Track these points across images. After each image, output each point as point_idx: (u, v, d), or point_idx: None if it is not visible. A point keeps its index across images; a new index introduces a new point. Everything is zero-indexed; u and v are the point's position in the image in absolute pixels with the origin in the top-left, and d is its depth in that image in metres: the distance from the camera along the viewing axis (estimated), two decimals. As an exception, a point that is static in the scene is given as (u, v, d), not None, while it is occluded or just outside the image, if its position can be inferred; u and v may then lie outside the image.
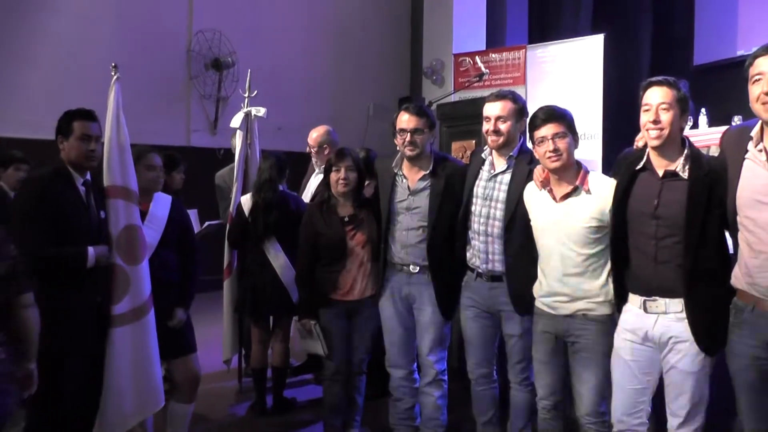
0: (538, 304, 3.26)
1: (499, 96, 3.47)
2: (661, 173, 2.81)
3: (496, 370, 3.67)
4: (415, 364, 3.89)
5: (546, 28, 9.84)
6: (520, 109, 3.45)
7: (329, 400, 3.99)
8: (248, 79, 5.16)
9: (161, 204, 3.70)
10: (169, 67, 8.18)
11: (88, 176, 3.35)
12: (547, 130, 3.06)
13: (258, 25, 8.71)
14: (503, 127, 3.40)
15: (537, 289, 3.26)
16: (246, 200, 4.55)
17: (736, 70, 2.63)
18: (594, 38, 7.68)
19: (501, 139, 3.42)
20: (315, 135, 5.14)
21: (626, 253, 2.92)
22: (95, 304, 3.31)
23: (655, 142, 2.79)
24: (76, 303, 3.23)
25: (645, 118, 2.79)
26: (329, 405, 4.00)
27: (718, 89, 7.18)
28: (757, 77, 2.53)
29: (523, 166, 3.41)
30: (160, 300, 3.51)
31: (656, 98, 2.79)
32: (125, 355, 3.35)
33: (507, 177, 3.45)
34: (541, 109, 3.17)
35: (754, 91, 2.53)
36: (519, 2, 9.74)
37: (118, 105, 3.42)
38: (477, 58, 8.13)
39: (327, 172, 3.91)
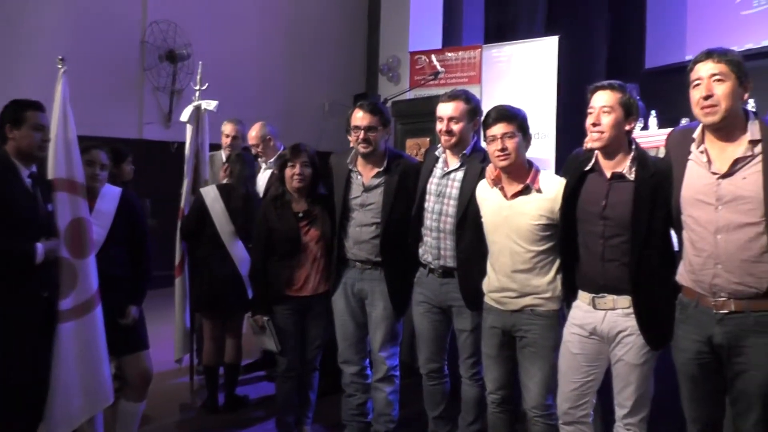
0: (487, 299, 3.31)
1: (452, 96, 3.50)
2: (608, 175, 2.89)
3: (447, 365, 3.71)
4: (367, 360, 3.90)
5: (502, 28, 9.94)
6: (472, 110, 3.48)
7: (282, 397, 3.98)
8: (199, 71, 5.10)
9: (108, 199, 3.61)
10: (122, 58, 8.03)
11: (34, 168, 3.27)
12: (497, 129, 3.10)
13: (213, 18, 8.62)
14: (455, 127, 3.43)
15: (486, 285, 3.31)
16: (207, 193, 4.51)
17: (684, 74, 2.70)
18: (549, 40, 7.80)
19: (453, 139, 3.45)
20: (254, 132, 5.19)
21: (575, 250, 3.00)
22: (42, 299, 3.22)
23: (596, 144, 2.87)
24: (23, 298, 3.15)
25: (588, 121, 2.88)
26: (282, 402, 3.99)
27: (667, 92, 7.29)
28: (696, 82, 2.60)
29: (475, 164, 3.44)
30: (110, 296, 3.44)
31: (599, 101, 2.87)
32: (72, 352, 3.27)
33: (460, 174, 3.48)
34: (494, 108, 3.21)
35: (694, 95, 2.60)
36: (475, 2, 9.82)
37: (65, 98, 3.34)
38: (433, 56, 8.17)
39: (282, 168, 3.89)
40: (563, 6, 10.08)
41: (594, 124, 2.85)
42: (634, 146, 2.88)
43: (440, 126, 3.48)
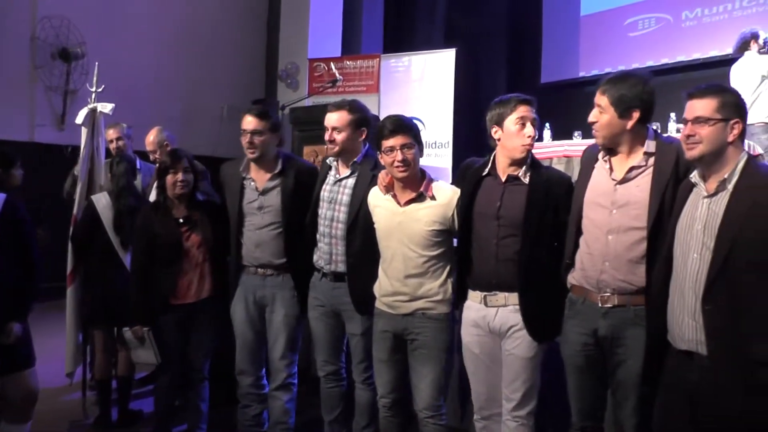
0: (378, 304, 3.38)
1: (337, 106, 3.57)
2: (503, 178, 3.10)
3: (344, 369, 3.76)
4: (264, 369, 3.92)
5: (401, 38, 10.08)
6: (357, 120, 3.53)
7: (162, 410, 3.94)
8: (95, 72, 4.95)
9: None
10: (11, 55, 7.69)
11: None
12: (395, 140, 3.16)
13: (108, 16, 8.37)
14: (338, 137, 3.50)
15: (377, 289, 3.38)
16: (99, 200, 4.37)
17: (578, 90, 2.91)
18: (446, 52, 7.97)
19: (336, 149, 3.53)
20: (152, 138, 5.15)
21: (470, 253, 3.16)
22: None
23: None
24: None
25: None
26: (161, 415, 3.93)
27: (561, 106, 7.66)
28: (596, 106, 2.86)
29: (366, 172, 3.53)
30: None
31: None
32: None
33: (351, 181, 3.56)
34: (388, 119, 3.28)
35: (591, 118, 2.88)
36: (375, 12, 9.93)
37: None
38: (332, 64, 8.22)
39: (162, 175, 3.84)
40: (463, 20, 10.36)
41: (529, 136, 3.04)
42: (529, 156, 3.10)
43: (326, 135, 3.55)
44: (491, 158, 3.17)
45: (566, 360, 2.99)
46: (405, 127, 3.21)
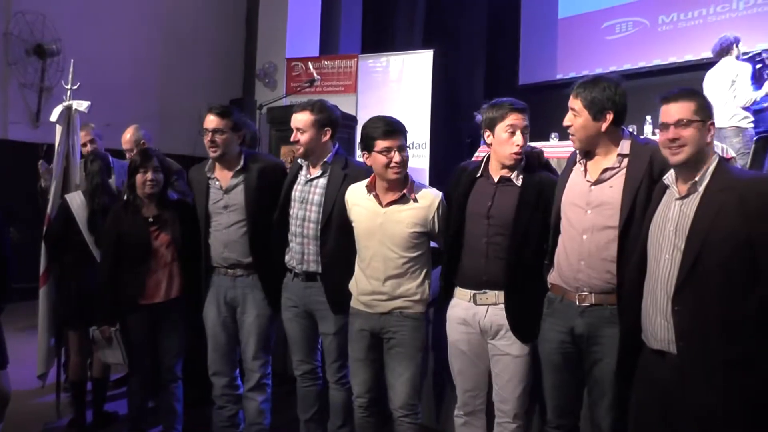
0: (354, 303, 3.40)
1: (302, 107, 3.59)
2: (496, 179, 3.15)
3: (320, 368, 3.76)
4: (238, 370, 3.91)
5: (379, 39, 10.09)
6: (320, 120, 3.54)
7: (135, 411, 3.92)
8: (71, 69, 4.90)
9: None
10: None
11: None
12: (392, 142, 3.19)
13: (85, 13, 8.27)
14: (302, 138, 3.53)
15: (355, 289, 3.40)
16: (73, 199, 4.32)
17: (555, 91, 2.94)
18: (424, 53, 8.00)
19: (301, 150, 3.55)
20: (128, 136, 5.10)
21: (460, 253, 3.19)
22: None
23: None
24: None
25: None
26: (134, 416, 3.92)
27: (539, 108, 7.68)
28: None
29: (338, 171, 3.55)
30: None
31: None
32: None
33: (323, 181, 3.57)
34: (382, 120, 3.28)
35: (566, 122, 2.95)
36: (353, 12, 9.94)
37: None
38: (309, 63, 8.22)
39: (132, 174, 3.82)
40: (441, 21, 10.39)
41: (518, 145, 3.08)
42: (524, 158, 3.15)
43: (292, 136, 3.58)
44: (485, 159, 3.23)
45: (543, 358, 3.04)
46: (401, 128, 3.25)
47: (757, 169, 6.23)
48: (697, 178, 2.44)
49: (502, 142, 3.08)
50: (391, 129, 3.21)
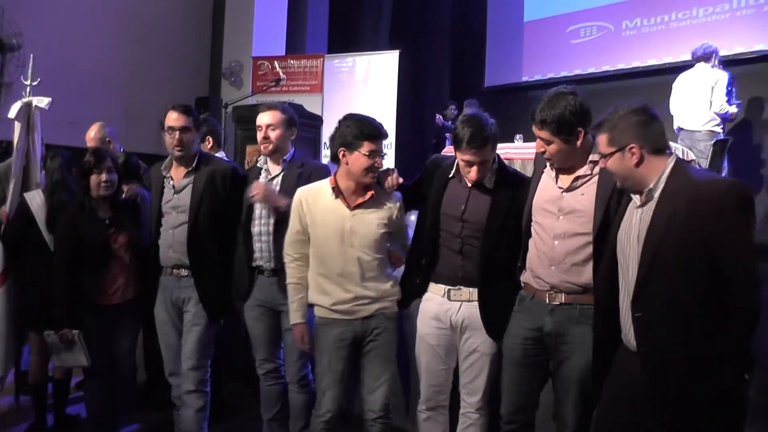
0: (325, 313, 3.30)
1: (269, 107, 3.72)
2: (470, 183, 3.16)
3: (283, 367, 3.76)
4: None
5: (345, 39, 10.10)
6: (288, 119, 3.68)
7: (94, 413, 3.87)
8: (30, 65, 4.81)
9: None
10: (-63, 44, 7.33)
11: None
12: (378, 145, 3.22)
13: (46, 7, 8.06)
14: (273, 134, 3.61)
15: (322, 300, 3.29)
16: (33, 198, 4.25)
17: (521, 93, 2.94)
18: (390, 54, 8.02)
19: (271, 146, 3.62)
20: (93, 133, 5.04)
21: (436, 249, 3.23)
22: None
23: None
24: None
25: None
26: (94, 417, 3.87)
27: (504, 110, 7.76)
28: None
29: (294, 170, 3.64)
30: None
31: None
32: None
33: (280, 179, 3.65)
34: (370, 121, 3.26)
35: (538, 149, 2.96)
36: (320, 12, 9.92)
37: None
38: (276, 63, 8.19)
39: (85, 175, 3.77)
40: (407, 22, 10.41)
41: (471, 179, 3.10)
42: (497, 160, 3.18)
43: (260, 134, 3.64)
44: (455, 161, 3.22)
45: (505, 353, 3.09)
46: (384, 133, 3.27)
47: (715, 170, 6.33)
48: (651, 186, 2.45)
49: (462, 168, 3.12)
50: (377, 133, 3.21)
